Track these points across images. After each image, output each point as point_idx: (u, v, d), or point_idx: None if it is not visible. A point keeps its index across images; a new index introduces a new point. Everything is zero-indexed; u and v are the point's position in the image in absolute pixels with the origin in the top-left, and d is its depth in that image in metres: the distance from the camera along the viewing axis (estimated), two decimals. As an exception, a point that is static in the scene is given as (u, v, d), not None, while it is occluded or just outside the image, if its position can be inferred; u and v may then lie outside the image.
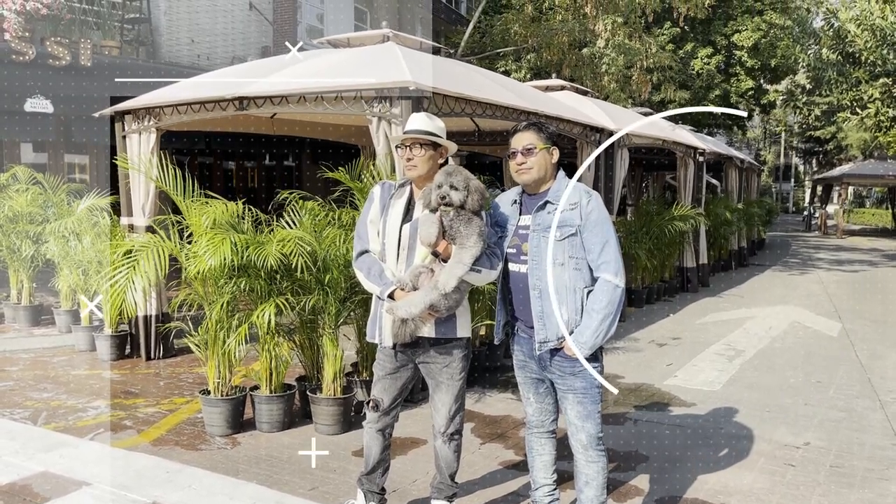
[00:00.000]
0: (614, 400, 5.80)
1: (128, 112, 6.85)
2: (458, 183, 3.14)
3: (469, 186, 3.14)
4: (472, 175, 3.22)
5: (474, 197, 3.14)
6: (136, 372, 6.57)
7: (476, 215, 3.16)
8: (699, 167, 12.38)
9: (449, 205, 3.14)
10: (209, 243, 4.67)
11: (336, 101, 5.55)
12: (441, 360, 3.36)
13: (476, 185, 3.16)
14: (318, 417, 4.97)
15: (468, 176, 3.18)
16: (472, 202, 3.14)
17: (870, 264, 17.52)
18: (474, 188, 3.15)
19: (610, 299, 3.07)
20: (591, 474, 3.20)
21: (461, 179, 3.14)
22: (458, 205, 3.13)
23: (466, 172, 3.20)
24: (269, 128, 8.49)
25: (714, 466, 4.46)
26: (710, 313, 10.14)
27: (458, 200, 3.13)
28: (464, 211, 3.14)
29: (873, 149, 28.89)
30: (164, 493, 3.94)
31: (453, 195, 3.13)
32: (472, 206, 3.14)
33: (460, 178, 3.15)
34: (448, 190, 3.13)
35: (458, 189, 3.13)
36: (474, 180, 3.18)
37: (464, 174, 3.18)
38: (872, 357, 7.48)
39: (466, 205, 3.13)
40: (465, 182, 3.14)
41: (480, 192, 3.16)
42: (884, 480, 4.27)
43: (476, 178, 3.30)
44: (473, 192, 3.14)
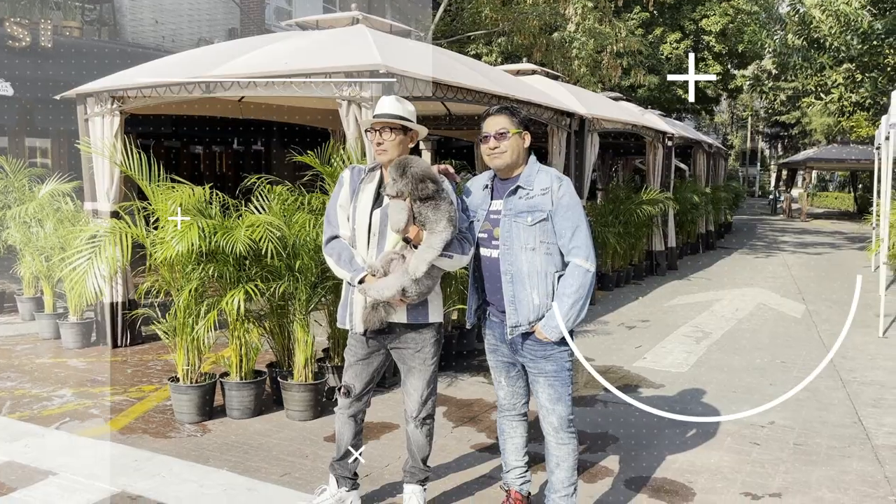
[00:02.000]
0: (584, 382, 5.87)
1: (90, 95, 6.69)
2: (395, 173, 3.12)
3: (406, 175, 3.11)
4: (418, 162, 3.17)
5: (408, 188, 3.09)
6: (103, 360, 6.47)
7: (445, 200, 3.15)
8: (668, 151, 12.50)
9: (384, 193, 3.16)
10: (176, 229, 4.60)
11: (305, 84, 5.48)
12: (413, 345, 3.35)
13: (415, 172, 3.11)
14: (290, 403, 4.94)
15: (409, 164, 3.14)
16: (409, 189, 3.10)
17: (832, 247, 17.88)
18: (412, 175, 3.10)
19: (581, 283, 3.09)
20: (561, 456, 3.23)
21: (399, 171, 3.12)
22: (393, 196, 3.13)
23: (411, 160, 3.17)
24: (236, 111, 8.36)
25: (682, 446, 4.53)
26: (678, 296, 10.28)
27: (391, 191, 3.13)
28: (431, 199, 3.11)
29: (836, 133, 29.45)
30: (133, 482, 3.90)
31: (389, 187, 3.14)
32: (412, 193, 3.10)
33: (399, 169, 3.13)
34: (388, 179, 3.15)
35: (395, 179, 3.12)
36: (416, 168, 3.13)
37: (404, 163, 3.15)
38: (834, 337, 7.65)
39: (404, 195, 3.11)
40: (400, 171, 3.12)
41: (418, 177, 3.10)
42: (845, 458, 4.38)
43: (445, 167, 3.27)
44: (412, 180, 3.09)
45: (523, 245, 3.14)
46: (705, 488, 3.93)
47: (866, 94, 16.78)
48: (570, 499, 3.25)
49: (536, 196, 3.15)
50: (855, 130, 22.79)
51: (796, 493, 3.89)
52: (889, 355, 6.90)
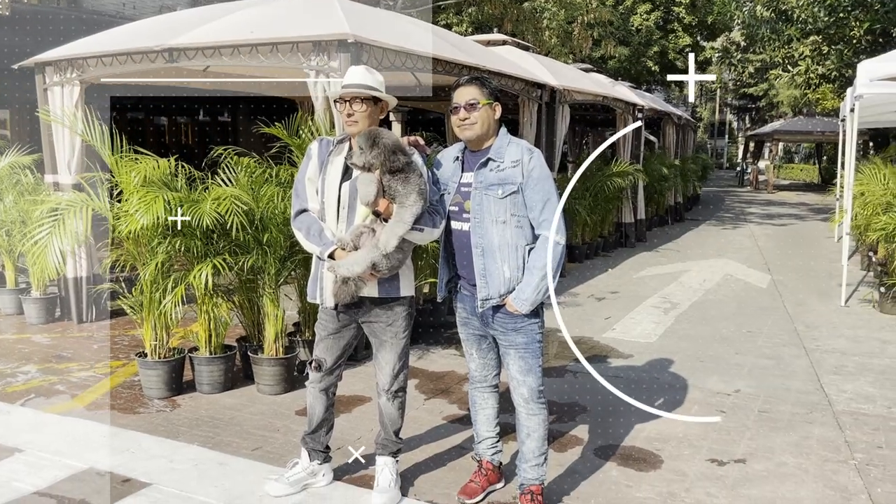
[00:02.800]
0: (554, 354, 5.92)
1: (49, 63, 6.49)
2: (364, 143, 3.07)
3: (376, 143, 3.06)
4: (387, 134, 3.11)
5: (382, 155, 3.05)
6: (68, 335, 6.36)
7: (415, 173, 3.11)
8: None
9: (352, 165, 3.11)
10: (140, 202, 4.50)
11: (271, 53, 5.37)
12: (384, 319, 3.34)
13: (385, 144, 3.06)
14: (260, 378, 4.92)
15: (378, 135, 3.09)
16: (379, 160, 3.05)
17: (797, 218, 18.20)
18: (383, 147, 3.06)
19: (551, 256, 3.09)
20: (532, 426, 3.26)
21: (367, 142, 3.07)
22: (360, 166, 3.09)
23: (379, 132, 3.11)
24: (202, 81, 8.17)
25: (650, 415, 4.61)
26: (647, 267, 10.39)
27: (359, 162, 3.08)
28: (401, 172, 3.08)
29: (803, 106, 29.77)
30: (101, 458, 3.86)
31: (356, 157, 3.09)
32: (382, 165, 3.06)
33: (368, 140, 3.08)
34: (355, 149, 3.10)
35: (364, 150, 3.07)
36: (386, 139, 3.08)
37: (373, 134, 3.09)
38: (799, 307, 7.81)
39: (373, 167, 3.07)
40: (370, 142, 3.06)
41: (388, 149, 3.06)
42: (807, 423, 4.50)
43: (415, 139, 3.22)
44: (382, 151, 3.05)
45: (494, 218, 3.12)
46: (672, 455, 4.01)
47: (832, 66, 16.98)
48: (540, 468, 3.29)
49: (507, 168, 3.13)
50: (821, 103, 23.07)
51: (760, 458, 3.98)
52: (851, 324, 7.06)
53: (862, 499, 3.53)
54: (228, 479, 3.63)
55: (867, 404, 4.84)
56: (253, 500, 3.43)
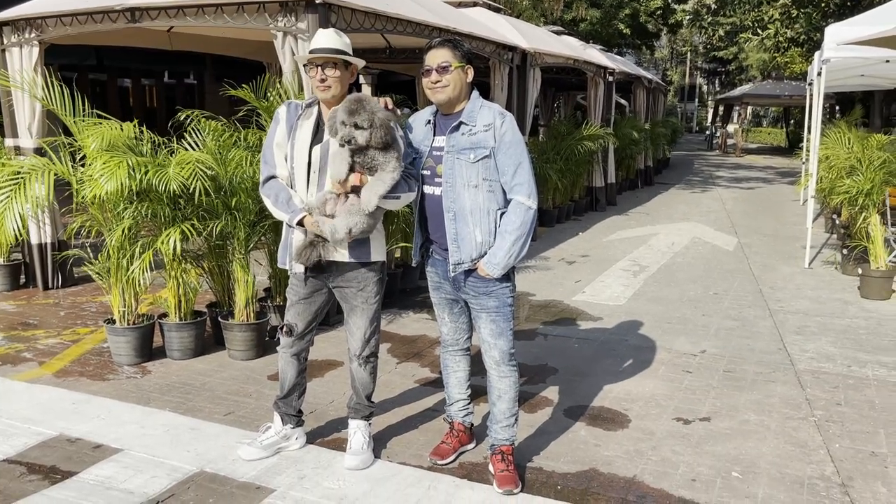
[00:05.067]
0: (525, 317, 5.98)
1: (6, 23, 6.27)
2: (363, 122, 3.01)
3: (374, 122, 3.01)
4: (377, 106, 3.07)
5: (378, 133, 3.01)
6: (34, 302, 6.26)
7: (395, 141, 3.08)
8: (609, 87, 12.53)
9: (354, 146, 3.04)
10: (104, 166, 4.41)
11: (237, 13, 5.25)
12: (355, 284, 3.34)
13: (382, 120, 3.02)
14: (232, 343, 4.90)
15: (374, 110, 3.04)
16: (376, 139, 3.01)
17: (764, 181, 18.45)
18: (380, 123, 3.01)
19: (523, 220, 3.10)
20: (503, 388, 3.31)
21: (366, 118, 3.01)
22: (363, 145, 3.03)
23: (372, 105, 3.06)
24: (165, 42, 7.96)
25: (619, 376, 4.70)
26: (616, 231, 10.50)
27: (363, 141, 3.02)
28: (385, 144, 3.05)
29: (772, 69, 29.96)
30: (71, 425, 3.83)
31: (358, 136, 3.02)
32: (376, 144, 3.03)
33: (365, 115, 3.01)
34: (353, 131, 3.02)
35: (364, 128, 3.01)
36: (380, 113, 3.04)
37: (369, 109, 3.03)
38: (764, 269, 7.97)
39: (371, 143, 3.03)
40: (370, 119, 3.01)
41: (386, 126, 3.03)
42: (770, 382, 4.62)
43: (385, 101, 3.18)
44: (378, 129, 3.00)
45: (466, 182, 3.12)
46: (640, 415, 4.10)
47: (801, 29, 17.07)
48: (511, 429, 3.34)
49: (479, 132, 3.12)
50: (789, 66, 23.24)
51: (724, 416, 4.09)
52: (814, 285, 7.23)
53: (821, 454, 3.66)
54: (201, 444, 3.64)
55: (828, 363, 4.98)
56: (226, 464, 3.44)
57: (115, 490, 3.20)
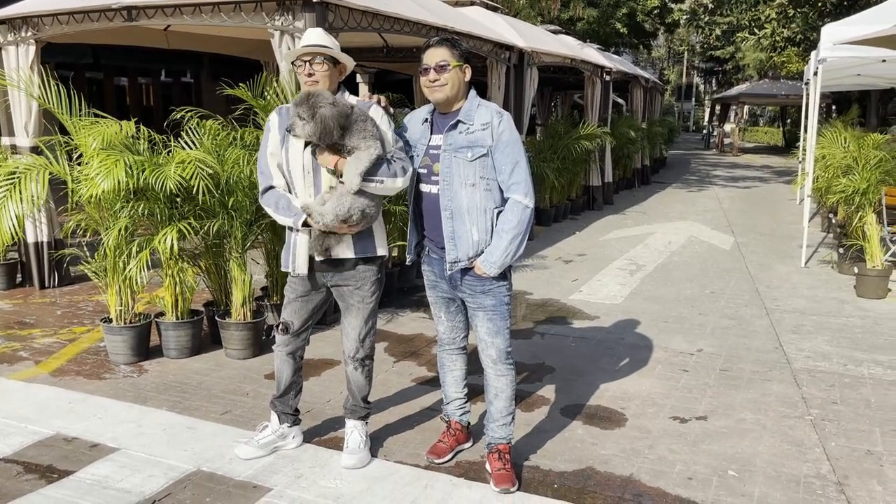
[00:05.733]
0: (522, 315, 5.99)
1: (2, 21, 6.25)
2: (304, 113, 3.02)
3: (316, 117, 3.00)
4: (327, 101, 3.04)
5: (317, 129, 3.00)
6: (30, 301, 6.25)
7: (358, 122, 3.08)
8: (606, 86, 12.54)
9: (294, 135, 3.08)
10: (101, 165, 4.40)
11: (235, 12, 5.24)
12: (353, 282, 3.33)
13: (325, 116, 3.00)
14: (228, 342, 4.90)
15: (318, 104, 3.03)
16: (312, 133, 3.02)
17: (761, 181, 18.48)
18: (322, 118, 2.99)
19: (520, 219, 3.10)
20: (500, 387, 3.31)
21: (306, 110, 3.01)
22: (303, 138, 3.06)
23: (318, 99, 3.05)
24: (162, 41, 7.95)
25: (615, 374, 4.70)
26: (613, 230, 10.51)
27: (301, 133, 3.04)
28: (346, 130, 3.06)
29: (768, 69, 29.99)
30: (68, 424, 3.83)
31: (297, 128, 3.05)
32: (318, 139, 3.03)
33: (305, 108, 3.02)
34: (296, 120, 3.04)
35: (305, 120, 3.02)
36: (324, 108, 3.02)
37: (311, 102, 3.03)
38: (760, 268, 7.98)
39: (313, 138, 3.04)
40: (310, 112, 3.01)
41: (329, 126, 3.01)
42: (766, 381, 4.63)
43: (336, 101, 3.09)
44: (318, 124, 3.00)
45: (463, 181, 3.12)
46: (636, 414, 4.11)
47: (797, 29, 17.10)
48: (507, 427, 3.35)
49: (476, 131, 3.12)
50: (786, 66, 23.27)
51: (721, 415, 4.10)
52: (810, 284, 7.25)
53: (817, 452, 3.67)
54: (198, 443, 3.64)
55: (824, 362, 4.99)
56: (223, 462, 3.44)
57: (111, 489, 3.19)
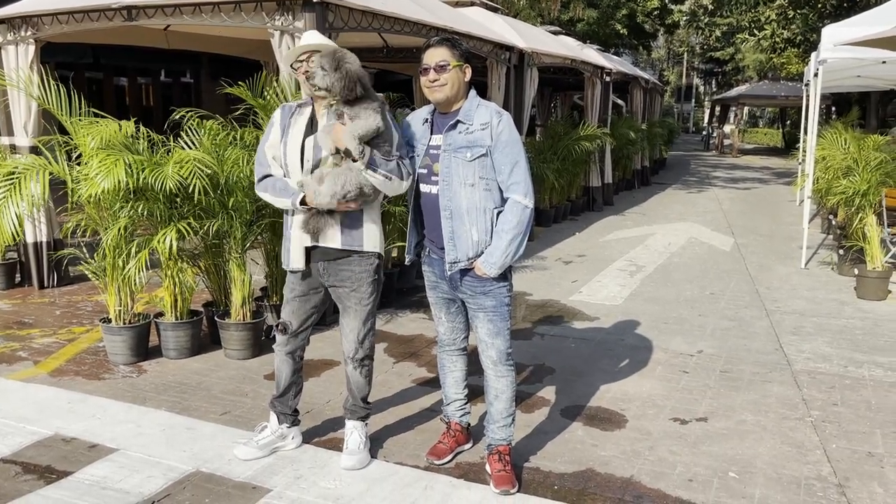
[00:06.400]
0: (522, 316, 5.98)
1: (2, 21, 6.25)
2: (327, 64, 2.96)
3: (341, 70, 2.94)
4: (352, 60, 3.01)
5: (340, 84, 2.94)
6: (29, 301, 6.24)
7: (371, 102, 3.06)
8: (606, 87, 12.54)
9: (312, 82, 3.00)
10: (101, 165, 4.39)
11: (235, 12, 5.24)
12: (349, 283, 3.32)
13: (350, 71, 2.95)
14: (228, 343, 4.89)
15: (344, 59, 2.99)
16: (338, 87, 2.96)
17: (761, 182, 18.47)
18: (346, 73, 2.94)
19: (519, 220, 3.10)
20: (500, 388, 3.30)
21: (329, 61, 2.96)
22: (322, 87, 2.99)
23: (345, 55, 3.01)
24: (162, 41, 7.94)
25: (616, 376, 4.70)
26: (613, 231, 10.50)
27: (321, 83, 2.98)
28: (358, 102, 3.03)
29: (768, 70, 30.00)
30: (67, 424, 3.82)
31: (318, 77, 2.98)
32: (337, 92, 2.97)
33: (329, 59, 2.96)
34: (316, 69, 2.98)
35: (327, 71, 2.96)
36: (352, 65, 2.98)
37: (337, 56, 2.99)
38: (760, 269, 7.98)
39: (332, 89, 2.98)
40: (334, 64, 2.95)
41: (353, 79, 2.96)
42: (767, 382, 4.62)
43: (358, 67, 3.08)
44: (344, 76, 2.94)
45: (462, 181, 3.11)
46: (637, 415, 4.10)
47: (797, 30, 17.10)
48: (507, 428, 3.34)
49: (476, 131, 3.11)
50: (786, 67, 23.28)
51: (721, 416, 4.09)
52: (810, 286, 7.24)
53: (817, 454, 3.66)
54: (197, 444, 3.63)
55: (824, 363, 4.99)
56: (222, 463, 3.43)
57: (110, 490, 3.18)
